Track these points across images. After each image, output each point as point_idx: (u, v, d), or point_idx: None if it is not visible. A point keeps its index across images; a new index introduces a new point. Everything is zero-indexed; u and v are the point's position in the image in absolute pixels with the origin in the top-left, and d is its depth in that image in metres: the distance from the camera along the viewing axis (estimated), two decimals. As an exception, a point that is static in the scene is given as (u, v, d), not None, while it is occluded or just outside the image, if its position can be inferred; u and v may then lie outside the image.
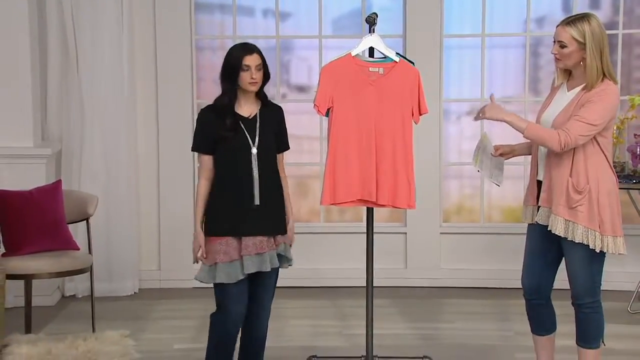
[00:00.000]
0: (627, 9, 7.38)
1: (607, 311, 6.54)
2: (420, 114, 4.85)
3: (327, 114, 4.86)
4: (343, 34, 7.62)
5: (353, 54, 4.86)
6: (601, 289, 4.70)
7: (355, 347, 5.62)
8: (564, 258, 4.68)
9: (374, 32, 4.89)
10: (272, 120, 4.71)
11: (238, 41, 7.49)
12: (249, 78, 4.55)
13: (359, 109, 4.79)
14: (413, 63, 4.90)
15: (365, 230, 5.00)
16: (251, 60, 4.56)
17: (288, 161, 4.90)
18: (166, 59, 7.41)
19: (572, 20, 4.52)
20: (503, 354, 5.55)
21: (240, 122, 4.61)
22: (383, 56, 4.87)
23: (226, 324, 4.61)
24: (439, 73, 7.33)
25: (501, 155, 4.83)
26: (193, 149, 4.75)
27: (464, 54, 7.54)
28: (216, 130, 4.58)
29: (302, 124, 7.59)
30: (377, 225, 5.18)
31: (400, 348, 5.76)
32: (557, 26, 4.56)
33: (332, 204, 4.87)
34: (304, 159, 7.62)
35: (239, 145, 4.59)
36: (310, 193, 7.68)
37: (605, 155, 4.59)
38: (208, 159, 4.66)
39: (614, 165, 6.73)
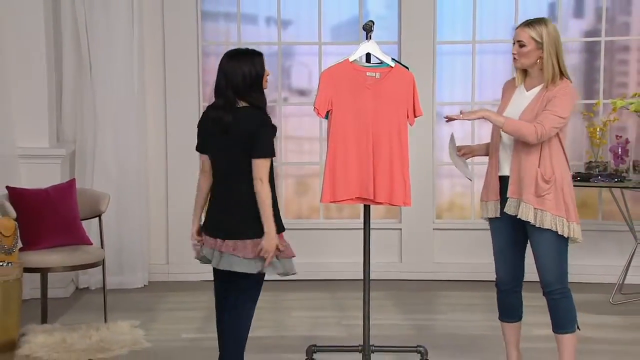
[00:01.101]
0: (609, 17, 7.38)
1: (590, 303, 6.60)
2: (415, 116, 4.84)
3: (326, 116, 4.84)
4: (341, 40, 7.60)
5: (351, 59, 4.85)
6: (582, 281, 4.70)
7: (353, 337, 5.61)
8: (531, 249, 4.74)
9: (370, 38, 4.87)
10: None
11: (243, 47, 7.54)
12: (266, 82, 4.57)
13: (356, 111, 4.78)
14: (408, 68, 4.88)
15: (362, 227, 4.98)
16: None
17: (290, 161, 4.88)
18: (174, 64, 7.40)
19: (530, 23, 4.68)
20: (492, 343, 5.55)
21: None
22: (379, 61, 4.86)
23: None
24: (432, 77, 7.32)
25: (463, 155, 4.93)
26: (270, 155, 4.53)
27: (455, 59, 7.54)
28: None
29: (303, 125, 7.59)
30: (374, 222, 5.16)
31: (396, 338, 5.75)
32: (517, 28, 4.71)
33: (332, 202, 4.85)
34: (304, 159, 7.61)
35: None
36: (310, 191, 7.66)
37: (564, 150, 4.69)
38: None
39: (596, 165, 6.83)
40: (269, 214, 4.42)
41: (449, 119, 4.71)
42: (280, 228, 4.51)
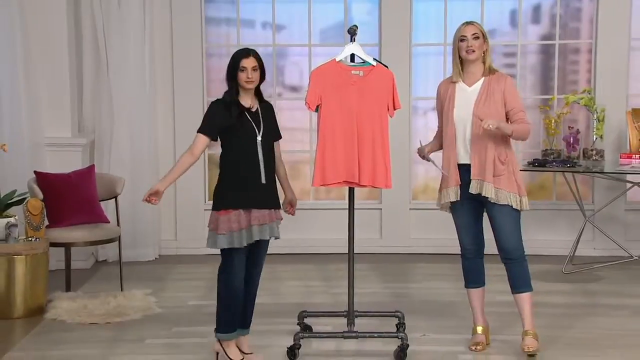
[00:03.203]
0: (562, 23, 7.39)
1: (545, 273, 6.64)
2: (395, 109, 4.83)
3: (316, 110, 4.83)
4: (329, 42, 7.59)
5: (337, 59, 4.83)
6: (538, 254, 4.74)
7: (338, 304, 5.62)
8: (490, 223, 4.79)
9: (354, 41, 4.85)
10: (269, 114, 4.67)
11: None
12: (245, 77, 4.52)
13: (343, 105, 4.77)
14: (387, 67, 4.87)
15: (347, 207, 4.98)
16: (247, 63, 4.52)
17: (283, 149, 4.87)
18: (181, 63, 7.38)
19: (471, 21, 4.81)
20: (461, 308, 5.56)
21: (246, 113, 4.57)
22: (362, 61, 4.84)
23: (234, 283, 4.58)
24: (409, 75, 7.31)
25: (429, 152, 4.98)
26: (199, 131, 4.58)
27: (429, 59, 7.53)
28: (225, 120, 4.53)
29: (295, 117, 7.58)
30: (357, 203, 5.16)
31: (377, 304, 5.75)
32: (464, 27, 4.76)
33: (322, 185, 4.84)
34: (296, 147, 7.60)
35: (247, 133, 4.55)
36: (301, 175, 7.66)
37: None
38: (205, 141, 4.59)
39: (551, 152, 6.85)
40: (171, 171, 4.65)
41: (485, 127, 4.62)
42: (219, 205, 4.52)
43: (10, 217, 5.71)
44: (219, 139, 4.60)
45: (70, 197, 6.07)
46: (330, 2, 7.48)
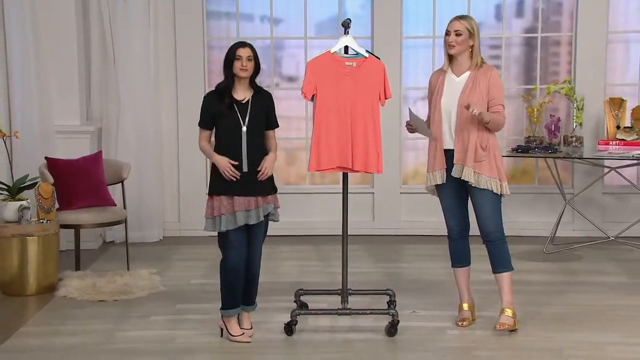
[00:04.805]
0: (544, 17, 7.38)
1: (528, 252, 6.65)
2: (386, 98, 4.82)
3: (312, 99, 4.81)
4: (324, 35, 7.56)
5: (332, 51, 4.82)
6: (522, 235, 4.74)
7: (333, 283, 5.62)
8: (473, 206, 4.81)
9: (348, 34, 4.84)
10: (263, 104, 4.64)
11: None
12: (240, 65, 4.52)
13: (337, 94, 4.76)
14: (379, 58, 4.86)
15: (341, 191, 4.98)
16: (243, 52, 4.53)
17: (280, 136, 4.85)
18: (184, 55, 7.36)
19: (462, 17, 4.81)
20: (448, 286, 5.57)
21: (235, 105, 4.57)
22: (356, 53, 4.83)
23: (230, 263, 4.58)
24: (400, 66, 7.30)
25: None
26: (199, 125, 4.66)
27: (419, 51, 7.51)
28: (215, 109, 4.56)
29: (292, 106, 7.56)
30: (351, 187, 5.16)
31: (369, 283, 5.77)
32: (451, 22, 4.76)
33: (317, 170, 4.83)
34: (292, 135, 7.59)
35: (232, 124, 4.56)
36: (297, 161, 7.65)
37: None
38: (207, 134, 4.62)
39: (534, 139, 6.85)
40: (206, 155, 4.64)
41: (468, 107, 4.62)
42: (209, 191, 4.58)
43: (23, 200, 5.71)
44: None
45: (79, 182, 6.06)
46: (325, -4, 7.47)
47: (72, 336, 4.82)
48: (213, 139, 4.64)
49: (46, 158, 6.18)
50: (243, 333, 4.69)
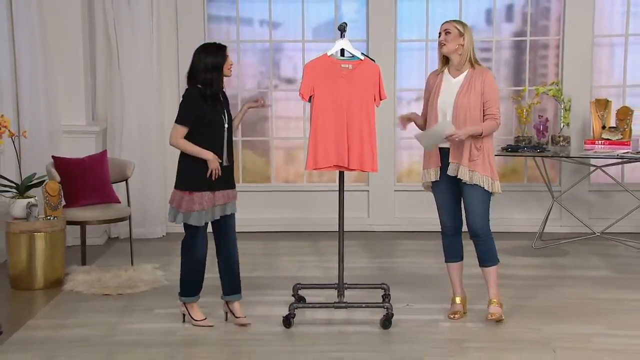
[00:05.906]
0: (533, 22, 7.38)
1: (517, 248, 6.66)
2: (381, 100, 4.83)
3: (309, 100, 4.82)
4: (321, 38, 7.56)
5: (329, 54, 4.82)
6: (511, 231, 4.74)
7: (330, 277, 5.63)
8: (464, 203, 4.83)
9: (344, 37, 4.84)
10: (227, 101, 4.77)
11: (241, 44, 7.51)
12: (229, 66, 4.69)
13: (334, 96, 4.76)
14: (374, 61, 4.86)
15: (337, 189, 4.98)
16: (228, 52, 4.74)
17: (278, 136, 4.87)
18: (185, 58, 7.25)
19: (453, 20, 4.85)
20: (441, 280, 5.58)
21: (219, 104, 4.68)
22: (351, 55, 4.84)
23: (197, 254, 4.71)
24: (394, 68, 7.29)
25: (409, 120, 4.94)
26: (179, 122, 4.69)
27: (412, 54, 7.50)
28: (200, 108, 4.60)
29: (290, 107, 7.55)
30: (347, 185, 5.16)
31: (364, 278, 5.77)
32: (443, 24, 4.81)
33: (315, 169, 4.84)
34: (291, 135, 7.58)
35: (217, 121, 4.64)
36: (296, 160, 7.64)
37: None
38: (184, 131, 4.67)
39: (523, 139, 6.85)
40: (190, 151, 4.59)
41: (450, 138, 4.65)
42: (186, 186, 4.60)
43: (31, 197, 5.71)
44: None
45: (85, 180, 6.06)
46: (322, 1, 7.45)
47: (79, 328, 4.82)
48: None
49: (53, 157, 6.18)
50: (205, 318, 4.79)
